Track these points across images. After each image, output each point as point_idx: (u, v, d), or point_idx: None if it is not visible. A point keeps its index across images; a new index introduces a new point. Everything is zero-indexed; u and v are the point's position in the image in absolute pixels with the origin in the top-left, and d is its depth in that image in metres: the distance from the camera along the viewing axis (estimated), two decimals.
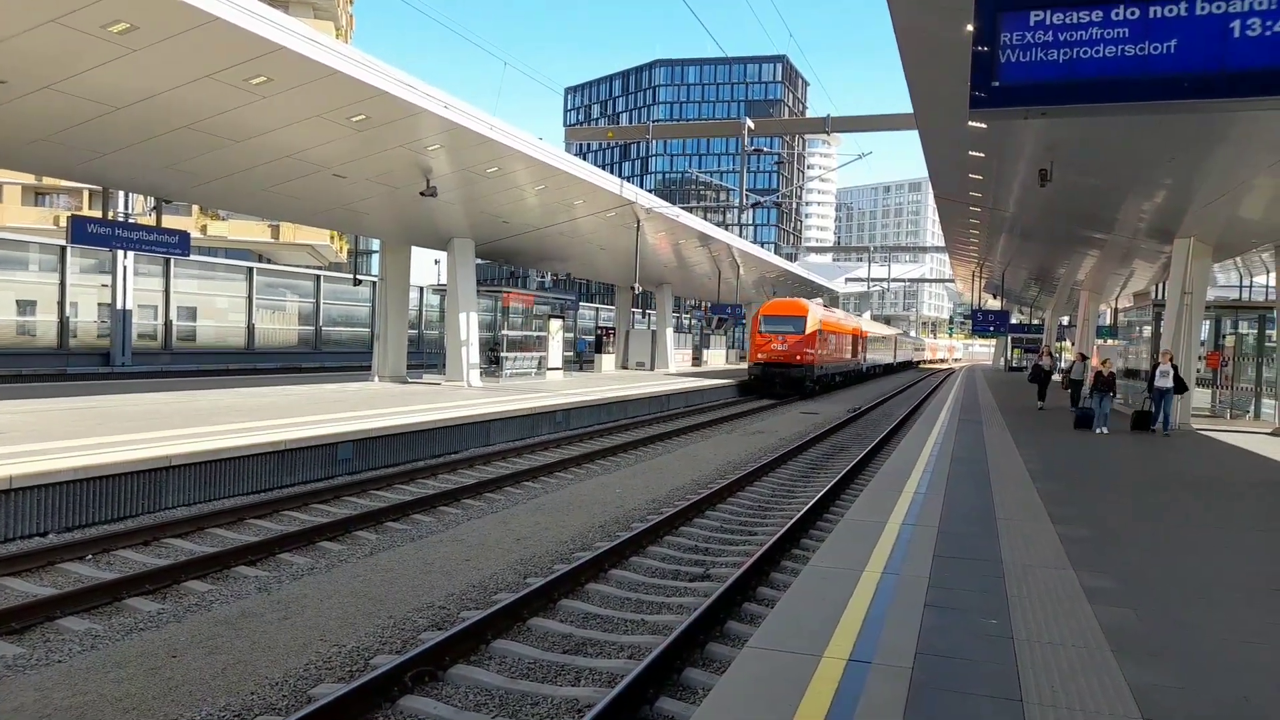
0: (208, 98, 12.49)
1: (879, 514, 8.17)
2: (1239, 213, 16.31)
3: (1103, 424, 17.27)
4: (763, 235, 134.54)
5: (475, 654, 6.27)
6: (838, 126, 51.09)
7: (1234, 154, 12.63)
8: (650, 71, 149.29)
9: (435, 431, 15.11)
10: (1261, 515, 9.60)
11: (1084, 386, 22.43)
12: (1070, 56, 5.45)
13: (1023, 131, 13.05)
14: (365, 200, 19.06)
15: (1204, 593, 6.06)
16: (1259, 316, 22.00)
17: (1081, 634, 5.00)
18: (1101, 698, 4.12)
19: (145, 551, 8.81)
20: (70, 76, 11.38)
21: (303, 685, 5.68)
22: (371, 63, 12.90)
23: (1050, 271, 35.49)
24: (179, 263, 28.67)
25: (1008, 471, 11.30)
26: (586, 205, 23.07)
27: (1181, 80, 5.25)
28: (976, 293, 42.11)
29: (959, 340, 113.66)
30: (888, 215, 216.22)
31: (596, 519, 10.82)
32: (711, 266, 39.27)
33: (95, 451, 10.08)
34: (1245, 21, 5.08)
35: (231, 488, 11.20)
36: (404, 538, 9.61)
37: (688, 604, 7.51)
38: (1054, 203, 18.72)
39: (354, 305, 36.88)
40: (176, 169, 15.67)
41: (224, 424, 13.02)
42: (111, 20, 10.02)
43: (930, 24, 10.41)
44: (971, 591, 5.80)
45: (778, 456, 15.77)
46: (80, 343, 26.44)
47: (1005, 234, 27.06)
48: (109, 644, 6.26)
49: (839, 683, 4.18)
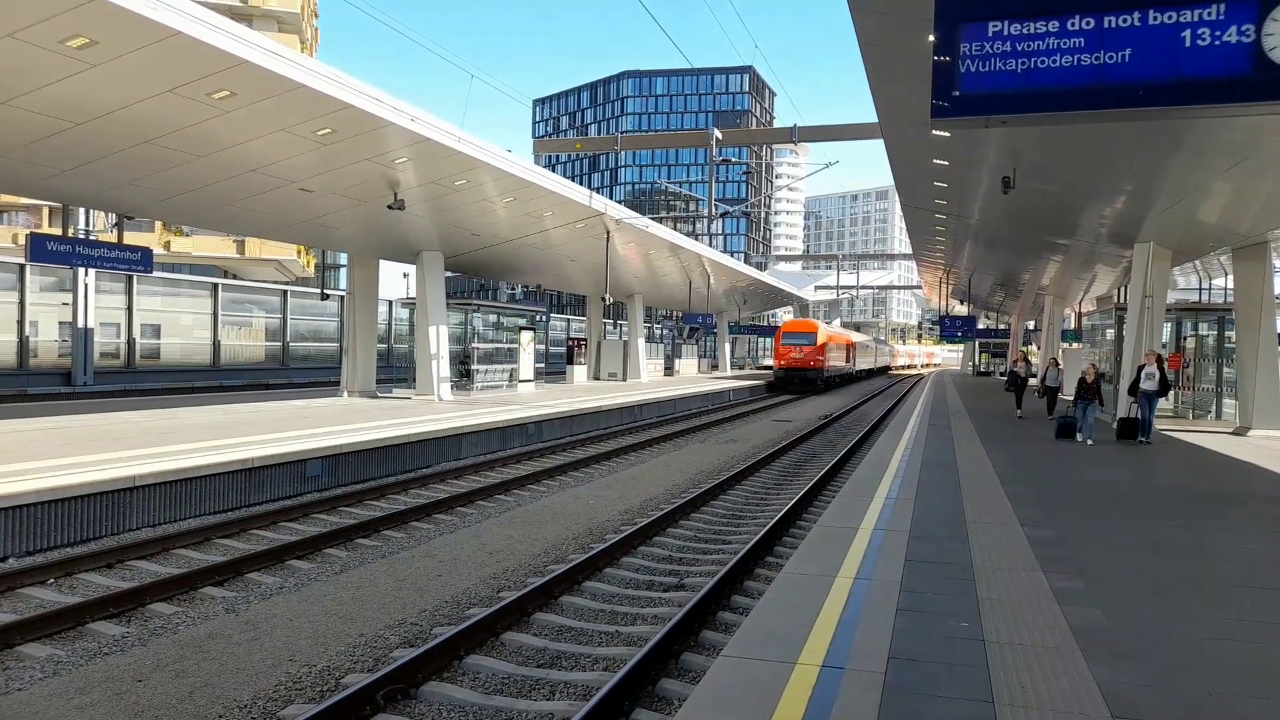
0: (170, 113, 12.33)
1: (853, 520, 8.22)
2: (1197, 217, 16.67)
3: (1088, 434, 16.01)
4: (732, 245, 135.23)
5: (449, 670, 6.21)
6: (805, 136, 51.53)
7: (1190, 160, 12.91)
8: (618, 83, 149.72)
9: (406, 446, 14.98)
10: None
11: (1058, 393, 22.18)
12: (1028, 66, 5.55)
13: (986, 140, 13.26)
14: (332, 214, 18.91)
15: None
16: (1218, 318, 22.46)
17: (1051, 634, 5.06)
18: (1071, 696, 4.17)
19: (110, 574, 8.64)
20: (28, 92, 11.18)
21: (272, 707, 5.59)
22: (337, 76, 12.82)
23: (1015, 277, 36.01)
24: (142, 279, 28.24)
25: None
26: (556, 217, 23.06)
27: (1137, 89, 5.37)
28: (944, 299, 42.62)
29: (935, 346, 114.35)
30: (856, 223, 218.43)
31: (570, 531, 10.77)
32: (682, 276, 39.40)
33: (58, 473, 9.87)
34: (1195, 31, 5.20)
35: (198, 507, 11.01)
36: (375, 554, 9.51)
37: (662, 614, 7.50)
38: (1018, 209, 19.02)
39: (322, 320, 36.51)
40: (138, 185, 15.44)
41: (190, 443, 12.82)
42: (70, 35, 9.87)
43: (893, 35, 10.57)
44: (943, 595, 5.85)
45: (750, 465, 15.81)
46: (41, 362, 25.94)
47: (971, 241, 27.43)
48: (72, 669, 6.12)
49: (813, 688, 4.20)
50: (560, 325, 56.08)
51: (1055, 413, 19.35)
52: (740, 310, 61.43)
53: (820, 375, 42.71)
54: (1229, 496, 10.85)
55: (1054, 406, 21.19)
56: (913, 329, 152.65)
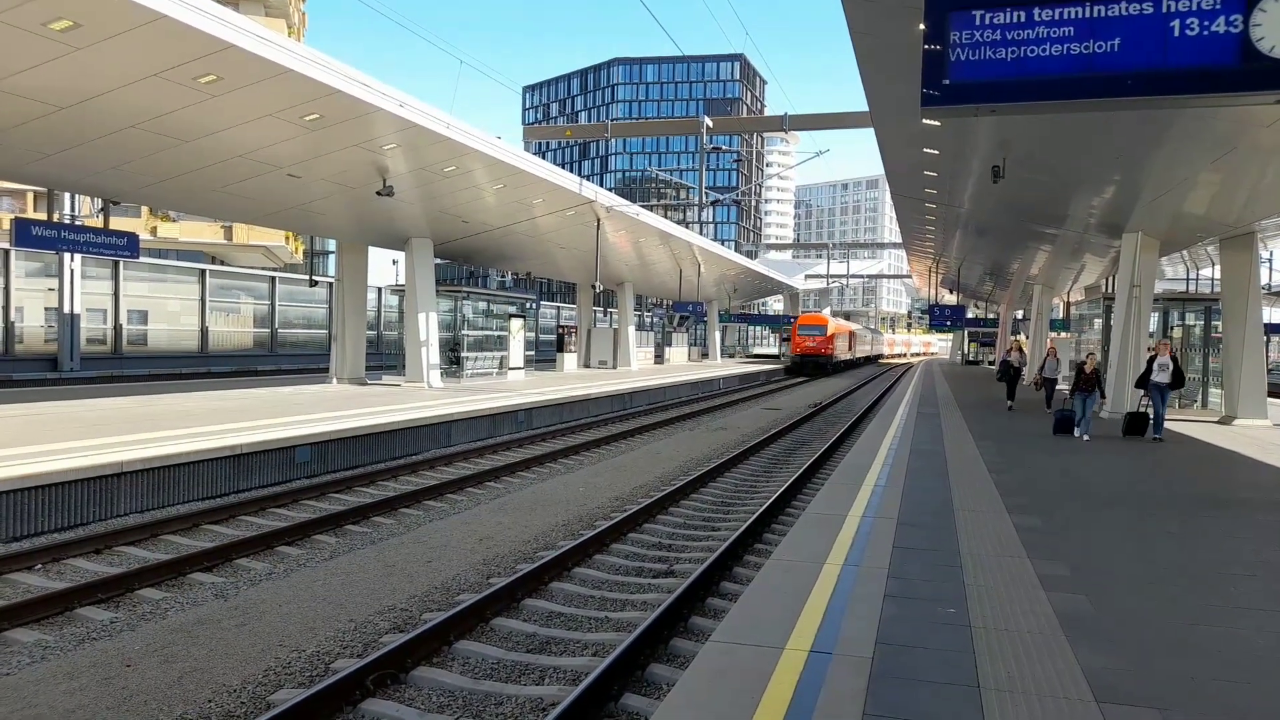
0: (155, 97, 12.22)
1: (842, 506, 8.26)
2: (1184, 207, 16.75)
3: (1085, 429, 15.08)
4: (723, 233, 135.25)
5: (438, 655, 6.23)
6: (795, 125, 51.52)
7: (1178, 150, 12.97)
8: (608, 70, 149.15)
9: (395, 433, 14.96)
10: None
11: (1055, 384, 20.98)
12: (1018, 55, 5.56)
13: (975, 129, 13.28)
14: (321, 200, 18.80)
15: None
16: (1205, 308, 22.61)
17: (1036, 620, 5.11)
18: (1056, 681, 4.21)
19: (97, 560, 8.62)
20: (11, 75, 11.06)
21: (262, 691, 5.59)
22: (325, 61, 12.72)
23: (1004, 266, 36.15)
24: (128, 265, 28.06)
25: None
26: (546, 204, 22.99)
27: (1126, 78, 5.38)
28: (933, 288, 42.74)
29: (929, 335, 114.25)
30: (846, 212, 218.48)
31: (560, 517, 10.80)
32: (673, 265, 39.39)
33: (44, 459, 9.82)
34: (1184, 21, 5.22)
35: (186, 493, 10.98)
36: (364, 540, 9.51)
37: (651, 600, 7.54)
38: (1007, 198, 19.07)
39: (310, 307, 36.36)
40: (124, 170, 15.31)
41: (178, 429, 12.76)
42: (53, 17, 9.76)
43: (883, 24, 10.56)
44: (931, 582, 5.89)
45: (740, 452, 15.86)
46: (26, 348, 25.77)
47: (960, 230, 27.50)
48: (60, 655, 6.11)
49: (801, 674, 4.22)
50: (550, 313, 55.98)
51: (1053, 406, 17.93)
52: (730, 299, 61.51)
53: (830, 360, 51.28)
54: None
55: (1052, 399, 19.94)
56: (902, 318, 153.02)
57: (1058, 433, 15.36)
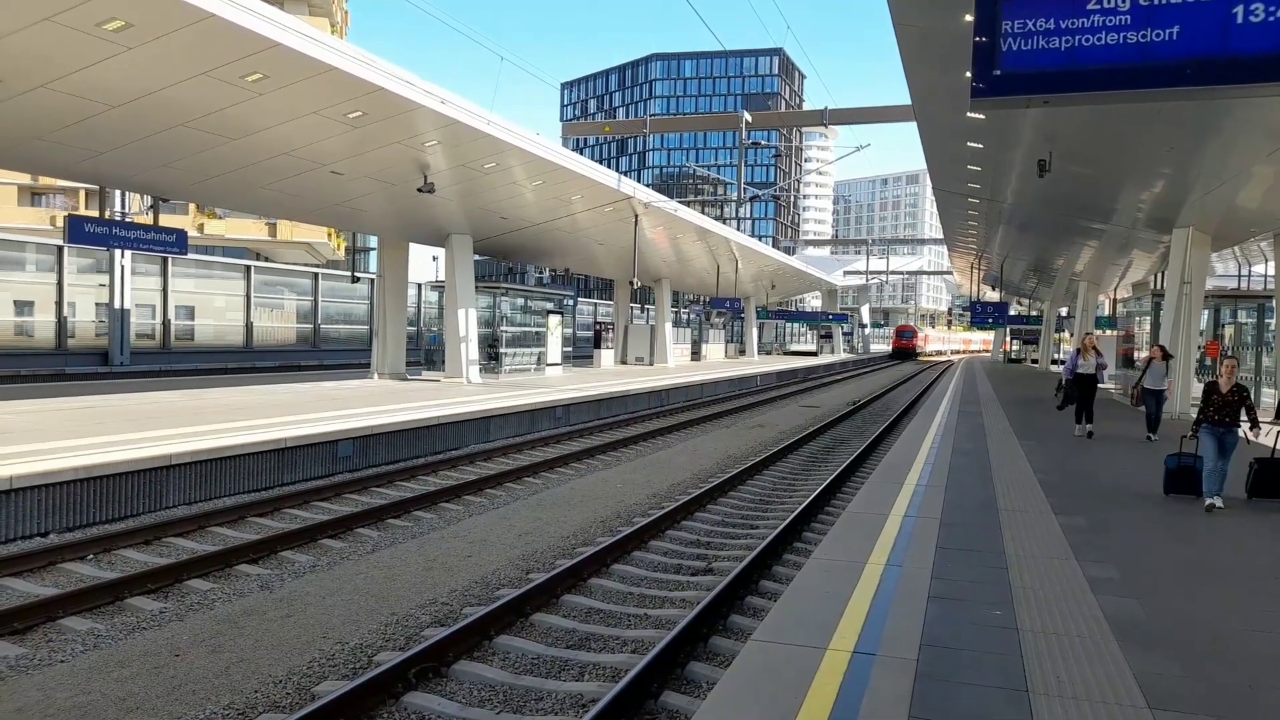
0: (204, 95, 12.43)
1: (883, 506, 8.15)
2: (1237, 201, 16.29)
3: (1215, 487, 8.71)
4: (761, 229, 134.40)
5: (479, 650, 6.26)
6: (835, 119, 50.93)
7: (1232, 142, 12.61)
8: (646, 66, 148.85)
9: (435, 428, 15.09)
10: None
11: (1162, 400, 14.27)
12: (1071, 44, 5.41)
13: (1021, 122, 13.03)
14: (363, 197, 19.01)
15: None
16: (1258, 306, 22.00)
17: (1086, 623, 4.99)
18: (1108, 686, 4.11)
19: (146, 550, 8.79)
20: (65, 75, 11.32)
21: (306, 683, 5.66)
22: (368, 58, 12.84)
23: (1049, 262, 35.48)
24: (176, 261, 28.62)
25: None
26: (584, 200, 23.02)
27: (1184, 67, 5.21)
28: (975, 284, 42.10)
29: (970, 333, 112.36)
30: (885, 208, 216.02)
31: (598, 514, 10.80)
32: (710, 260, 39.22)
33: (96, 451, 10.05)
34: (1249, 7, 5.04)
35: (232, 486, 11.17)
36: (406, 534, 9.60)
37: (690, 598, 7.50)
38: (1052, 193, 18.71)
39: (352, 303, 36.82)
40: (173, 167, 15.61)
41: (224, 422, 12.99)
42: (107, 18, 9.97)
43: (928, 14, 10.39)
44: (976, 583, 5.79)
45: (778, 450, 15.74)
46: (78, 342, 26.38)
47: (1003, 225, 27.04)
48: (111, 643, 6.25)
49: (844, 675, 4.17)
50: (587, 309, 56.11)
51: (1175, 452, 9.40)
52: (768, 295, 61.12)
53: (915, 354, 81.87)
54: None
55: (1156, 425, 14.33)
56: (942, 315, 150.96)
57: (1171, 492, 9.24)
